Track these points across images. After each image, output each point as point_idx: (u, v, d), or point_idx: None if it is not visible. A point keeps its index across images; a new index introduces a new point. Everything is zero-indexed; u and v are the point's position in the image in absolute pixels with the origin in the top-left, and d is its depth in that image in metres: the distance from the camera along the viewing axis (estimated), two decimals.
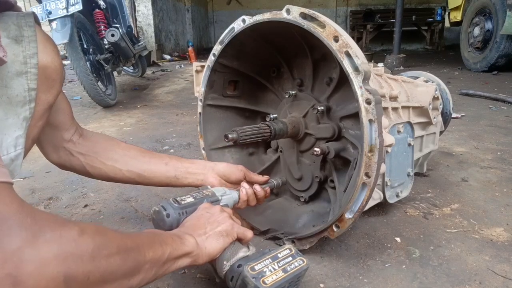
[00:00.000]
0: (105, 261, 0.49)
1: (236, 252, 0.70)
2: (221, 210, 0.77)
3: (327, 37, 0.75)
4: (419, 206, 1.16)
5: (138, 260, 0.55)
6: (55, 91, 0.71)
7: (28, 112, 0.66)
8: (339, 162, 0.99)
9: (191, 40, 8.98)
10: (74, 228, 0.47)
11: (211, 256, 0.69)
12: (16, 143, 0.65)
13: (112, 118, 2.66)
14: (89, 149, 0.91)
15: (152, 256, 0.57)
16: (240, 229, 0.75)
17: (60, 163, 0.92)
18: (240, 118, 1.22)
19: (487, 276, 0.82)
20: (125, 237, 0.55)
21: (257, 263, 0.66)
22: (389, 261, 0.88)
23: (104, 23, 3.00)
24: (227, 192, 0.88)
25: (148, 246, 0.58)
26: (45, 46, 0.68)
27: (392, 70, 4.60)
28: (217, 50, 1.04)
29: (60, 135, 0.88)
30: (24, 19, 0.67)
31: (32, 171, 1.54)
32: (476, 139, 1.89)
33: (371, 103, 0.72)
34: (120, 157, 0.93)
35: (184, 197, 0.79)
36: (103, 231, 0.52)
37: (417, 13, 9.44)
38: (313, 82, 1.03)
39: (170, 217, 0.74)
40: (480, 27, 4.69)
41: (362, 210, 0.77)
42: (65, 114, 0.88)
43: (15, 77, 0.63)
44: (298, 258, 0.70)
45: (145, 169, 0.94)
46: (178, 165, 0.95)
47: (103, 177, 0.94)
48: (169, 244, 0.62)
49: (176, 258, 0.63)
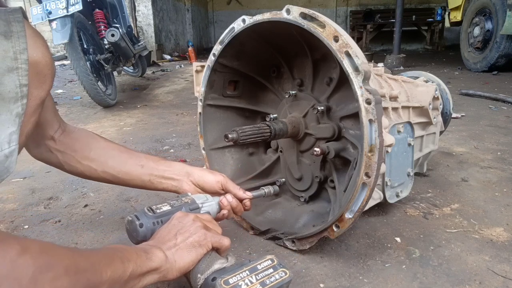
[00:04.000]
0: (49, 285, 0.44)
1: (212, 264, 0.66)
2: (194, 219, 0.72)
3: (327, 37, 0.75)
4: (419, 206, 1.16)
5: (92, 281, 0.50)
6: (47, 86, 0.71)
7: (20, 108, 0.65)
8: (339, 162, 0.99)
9: (191, 40, 8.98)
10: (15, 246, 0.42)
11: (182, 270, 0.65)
12: (10, 139, 0.64)
13: (112, 118, 2.66)
14: (68, 147, 0.91)
15: (110, 275, 0.53)
16: (215, 238, 0.71)
17: (41, 158, 0.92)
18: (240, 118, 1.22)
19: (487, 276, 0.82)
20: (78, 256, 0.51)
21: (232, 275, 0.62)
22: (389, 261, 0.88)
23: (104, 23, 3.00)
24: (209, 199, 0.84)
25: (106, 264, 0.54)
26: (34, 41, 0.67)
27: (392, 70, 4.60)
28: (217, 50, 1.04)
29: (42, 132, 0.88)
30: (12, 15, 0.66)
31: (32, 171, 1.54)
32: (476, 139, 1.89)
33: (371, 103, 0.71)
34: (97, 157, 0.91)
35: (160, 205, 0.76)
36: (49, 249, 0.47)
37: (417, 13, 9.45)
38: (313, 82, 1.03)
39: (143, 227, 0.71)
40: (480, 27, 4.69)
41: (362, 210, 0.77)
42: (49, 111, 0.87)
43: (6, 73, 0.62)
44: (280, 270, 0.65)
45: (119, 170, 0.91)
46: (154, 168, 0.92)
47: (79, 175, 0.94)
48: (132, 260, 0.58)
49: (141, 275, 0.59)
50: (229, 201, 0.87)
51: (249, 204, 0.91)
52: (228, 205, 0.86)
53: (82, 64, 2.54)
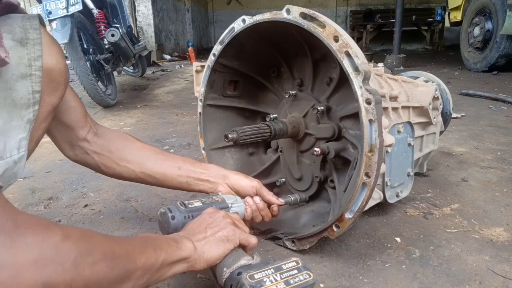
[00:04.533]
0: (89, 268, 0.46)
1: (238, 260, 0.68)
2: (224, 216, 0.74)
3: (327, 37, 0.75)
4: (419, 206, 1.16)
5: (127, 267, 0.52)
6: (59, 93, 0.72)
7: (32, 114, 0.66)
8: (339, 162, 0.99)
9: (191, 40, 8.98)
10: (58, 232, 0.44)
11: (210, 262, 0.67)
12: (19, 145, 0.65)
13: (112, 118, 2.66)
14: (104, 149, 0.91)
15: (144, 262, 0.55)
16: (243, 235, 0.72)
17: (76, 160, 0.93)
18: (240, 118, 1.22)
19: (487, 276, 0.82)
20: (114, 243, 0.53)
21: (257, 271, 0.63)
22: (389, 261, 0.88)
23: (104, 23, 3.00)
24: (238, 200, 0.86)
25: (140, 252, 0.56)
26: (50, 48, 0.69)
27: (392, 70, 4.60)
28: (217, 50, 1.04)
29: (74, 134, 0.89)
30: (30, 22, 0.67)
31: (32, 171, 1.54)
32: (476, 139, 1.89)
33: (371, 103, 0.72)
34: (133, 158, 0.92)
35: (192, 201, 0.79)
36: (89, 236, 0.50)
37: (417, 13, 9.45)
38: (313, 82, 1.03)
39: (175, 219, 0.73)
40: (480, 27, 4.69)
41: (362, 210, 0.77)
42: (77, 112, 0.88)
43: (19, 80, 0.63)
44: (304, 272, 0.66)
45: (157, 171, 0.92)
46: (191, 170, 0.93)
47: (116, 176, 0.95)
48: (163, 249, 0.60)
49: (171, 263, 0.61)
50: (255, 202, 0.88)
51: (277, 209, 0.92)
52: (253, 204, 0.88)
53: (82, 64, 2.54)
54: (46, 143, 1.62)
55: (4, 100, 0.62)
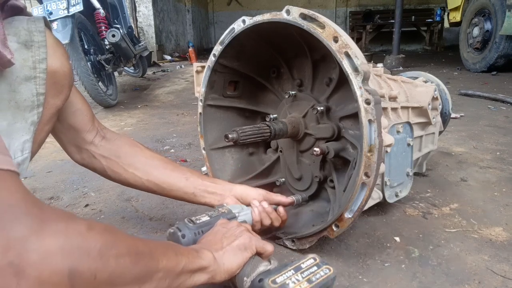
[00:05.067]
0: (114, 261, 0.46)
1: (256, 267, 0.67)
2: (238, 225, 0.74)
3: (326, 37, 0.76)
4: (419, 206, 1.17)
5: (150, 266, 0.51)
6: (63, 95, 0.72)
7: (36, 116, 0.66)
8: (339, 162, 0.99)
9: (192, 40, 8.98)
10: (82, 223, 0.45)
11: (230, 272, 0.65)
12: (23, 147, 0.65)
13: (113, 118, 2.66)
14: (112, 153, 0.90)
15: (165, 264, 0.54)
16: (260, 243, 0.71)
17: (83, 163, 0.92)
18: (240, 118, 1.23)
19: (486, 275, 0.82)
20: (137, 240, 0.53)
21: (278, 275, 0.62)
22: (388, 260, 0.88)
23: (105, 23, 3.01)
24: (244, 209, 0.86)
25: (162, 253, 0.55)
26: (54, 51, 0.69)
27: (391, 71, 4.60)
28: (218, 51, 1.05)
29: (81, 137, 0.88)
30: (35, 24, 0.67)
31: (33, 171, 1.54)
32: (475, 139, 1.89)
33: (370, 103, 0.72)
34: (141, 166, 0.91)
35: (199, 216, 0.78)
36: (112, 230, 0.49)
37: (416, 13, 9.45)
38: (312, 82, 1.04)
39: (185, 237, 0.72)
40: (479, 28, 4.69)
41: (362, 209, 0.78)
42: (84, 115, 0.87)
43: (23, 82, 0.64)
44: (324, 267, 0.65)
45: (164, 181, 0.92)
46: (198, 182, 0.93)
47: (122, 182, 0.94)
48: (184, 255, 0.58)
49: (192, 271, 0.59)
50: (263, 205, 0.88)
51: (282, 210, 0.91)
52: (259, 206, 0.88)
53: (83, 64, 2.55)
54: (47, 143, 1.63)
55: (8, 102, 0.62)
